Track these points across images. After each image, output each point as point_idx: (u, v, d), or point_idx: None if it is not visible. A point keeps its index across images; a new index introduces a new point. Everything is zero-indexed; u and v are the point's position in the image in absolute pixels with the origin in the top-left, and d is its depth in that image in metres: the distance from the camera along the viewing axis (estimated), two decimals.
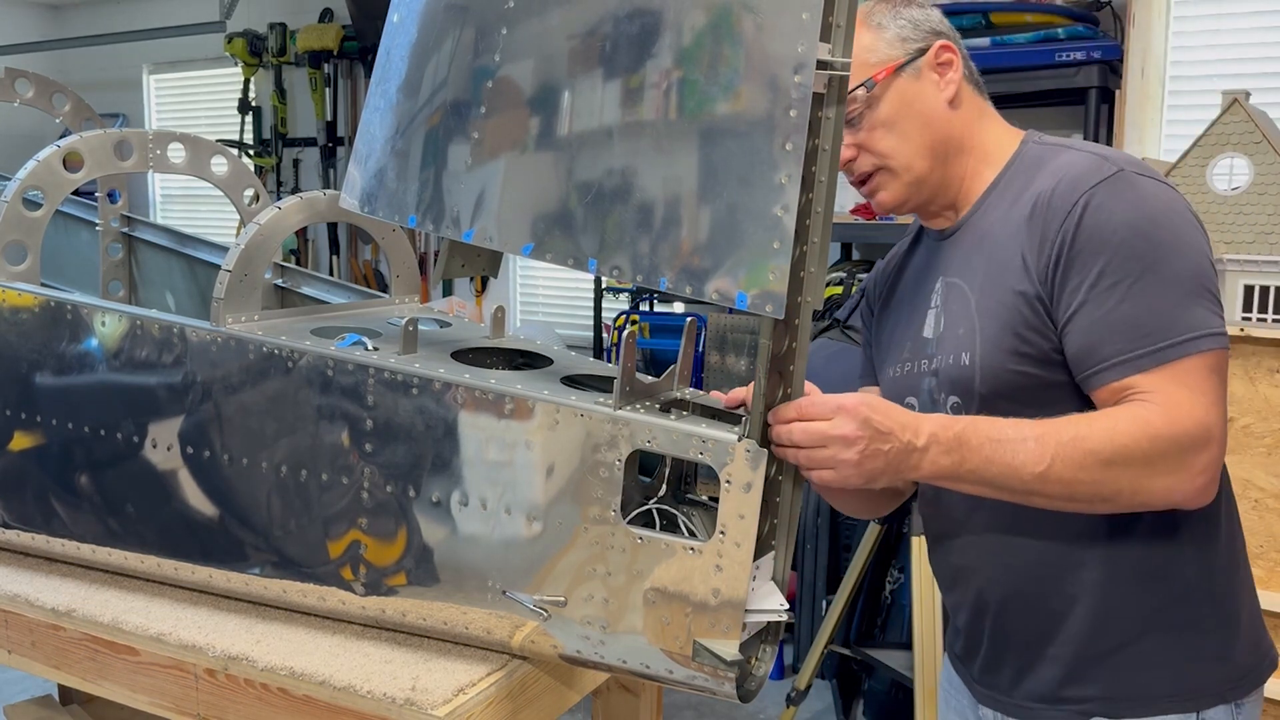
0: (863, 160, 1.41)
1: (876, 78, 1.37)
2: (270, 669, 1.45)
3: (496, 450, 1.36)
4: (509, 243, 1.27)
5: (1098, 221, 1.25)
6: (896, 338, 1.51)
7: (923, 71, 1.39)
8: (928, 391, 1.42)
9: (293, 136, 5.98)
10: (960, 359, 1.35)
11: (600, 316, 4.75)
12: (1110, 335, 1.23)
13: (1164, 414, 1.20)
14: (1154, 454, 1.20)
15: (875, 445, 1.18)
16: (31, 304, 1.70)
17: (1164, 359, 1.22)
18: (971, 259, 1.39)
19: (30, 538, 1.76)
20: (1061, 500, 1.24)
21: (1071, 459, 1.20)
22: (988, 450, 1.22)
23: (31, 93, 2.48)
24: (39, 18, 6.94)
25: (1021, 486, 1.22)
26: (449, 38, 1.32)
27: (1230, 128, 2.60)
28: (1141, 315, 1.22)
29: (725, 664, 1.23)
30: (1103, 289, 1.24)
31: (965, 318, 1.36)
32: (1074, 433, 1.21)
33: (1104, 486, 1.22)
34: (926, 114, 1.39)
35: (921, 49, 1.39)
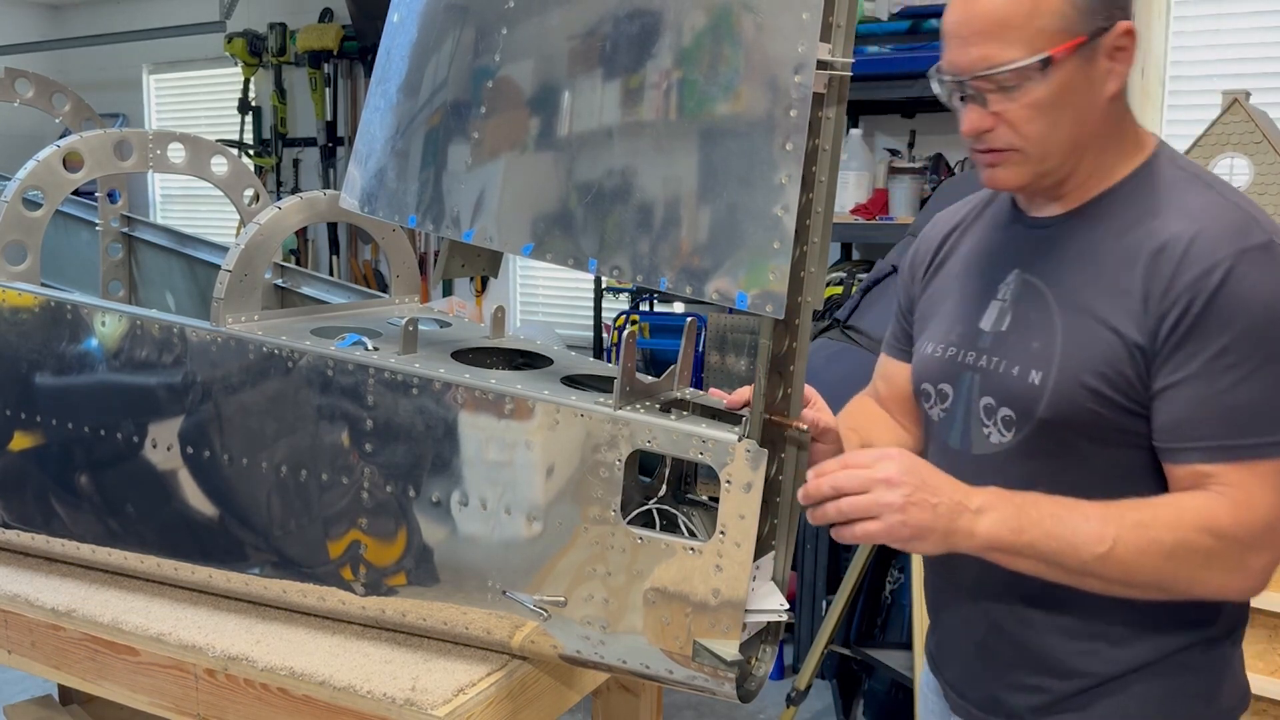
0: (1000, 135, 1.23)
1: (1056, 54, 1.18)
2: (270, 669, 1.45)
3: (496, 450, 1.36)
4: (509, 243, 1.27)
5: (1236, 294, 1.14)
6: (944, 316, 1.40)
7: (1098, 54, 1.21)
8: (967, 388, 1.33)
9: (293, 136, 5.98)
10: (1029, 376, 1.24)
11: (600, 316, 4.75)
12: (1211, 417, 1.15)
13: (1233, 511, 1.14)
14: (1215, 551, 1.15)
15: (922, 495, 1.13)
16: (31, 304, 1.70)
17: (1259, 455, 1.14)
18: (1064, 267, 1.27)
19: (30, 538, 1.76)
20: (1117, 585, 1.18)
21: (1134, 544, 1.14)
22: (1048, 524, 1.15)
23: (31, 93, 2.48)
24: (39, 18, 6.93)
25: (1079, 566, 1.16)
26: (449, 38, 1.32)
27: (1230, 128, 2.60)
28: (1250, 405, 1.14)
29: (725, 664, 1.23)
30: (1220, 367, 1.14)
31: (1044, 332, 1.25)
32: (1138, 518, 1.15)
33: (1162, 576, 1.16)
34: (1086, 105, 1.22)
35: (1104, 27, 1.20)
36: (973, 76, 1.20)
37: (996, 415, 1.28)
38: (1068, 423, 1.22)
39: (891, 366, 1.54)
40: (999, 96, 1.21)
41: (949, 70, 1.23)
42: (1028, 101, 1.20)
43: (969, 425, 1.32)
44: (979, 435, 1.30)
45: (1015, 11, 1.18)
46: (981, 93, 1.21)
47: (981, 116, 1.23)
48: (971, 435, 1.31)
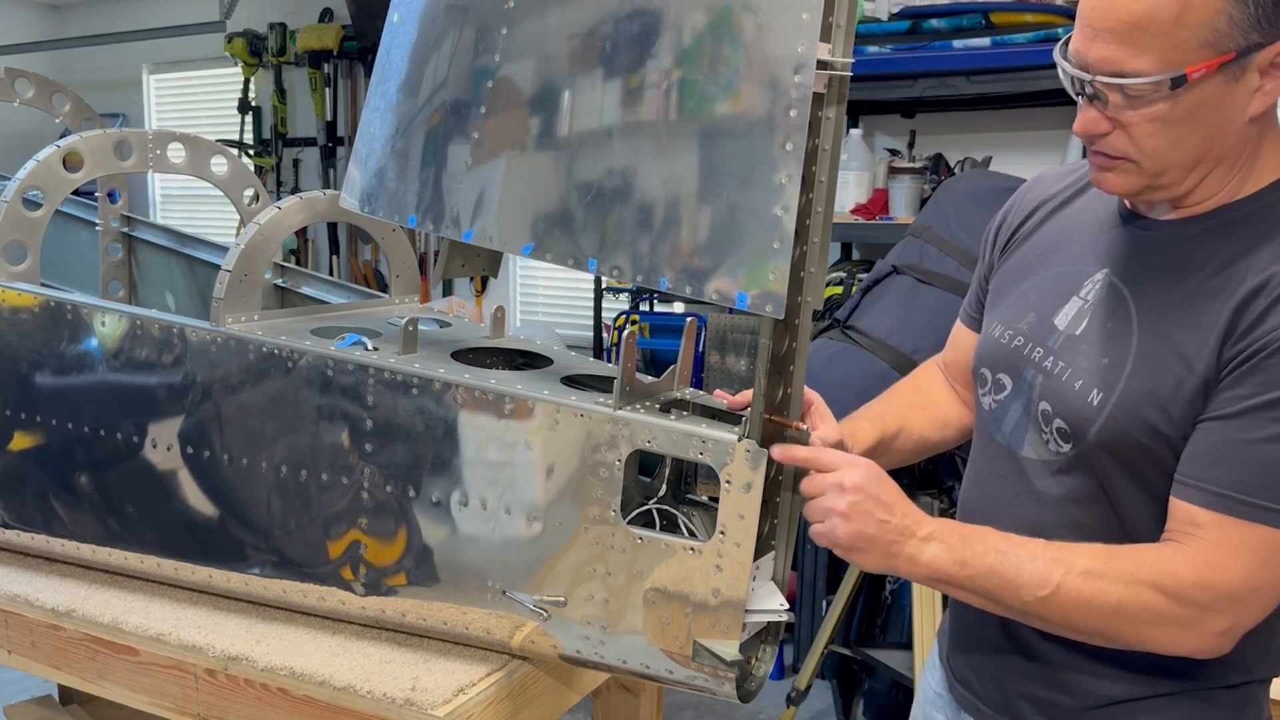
0: (1115, 142, 1.12)
1: (1192, 73, 1.04)
2: (270, 669, 1.45)
3: (496, 450, 1.36)
4: (509, 243, 1.27)
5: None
6: (1019, 298, 1.31)
7: (1247, 71, 1.06)
8: (1028, 385, 1.26)
9: (293, 136, 5.98)
10: (1089, 394, 1.17)
11: (600, 316, 4.75)
12: (1228, 462, 1.08)
13: (1199, 571, 1.08)
14: (1166, 611, 1.10)
15: (869, 508, 1.14)
16: (31, 304, 1.70)
17: (1256, 519, 1.07)
18: (1157, 280, 1.17)
19: (30, 538, 1.76)
20: (1060, 628, 1.16)
21: (1079, 593, 1.11)
22: (992, 559, 1.13)
23: (31, 93, 2.48)
24: (39, 18, 6.93)
25: (1020, 606, 1.14)
26: (449, 38, 1.32)
27: None
28: (1275, 464, 1.06)
29: (725, 664, 1.23)
30: (1262, 418, 1.06)
31: (1117, 349, 1.17)
32: (1089, 566, 1.11)
33: (1106, 627, 1.13)
34: (1220, 125, 1.09)
35: (1260, 43, 1.04)
36: (1095, 78, 1.08)
37: (1053, 424, 1.22)
38: (1115, 452, 1.16)
39: (963, 336, 1.49)
40: (1121, 102, 1.09)
41: (1074, 59, 1.11)
42: (1152, 115, 1.08)
43: (1025, 425, 1.27)
44: (1035, 438, 1.25)
45: (1158, 16, 1.03)
46: (1103, 94, 1.09)
47: (1098, 120, 1.12)
48: (1026, 436, 1.27)
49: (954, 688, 1.42)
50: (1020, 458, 1.28)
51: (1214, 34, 1.03)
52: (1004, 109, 3.76)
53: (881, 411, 1.49)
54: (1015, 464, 1.28)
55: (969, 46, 3.51)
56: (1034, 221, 1.36)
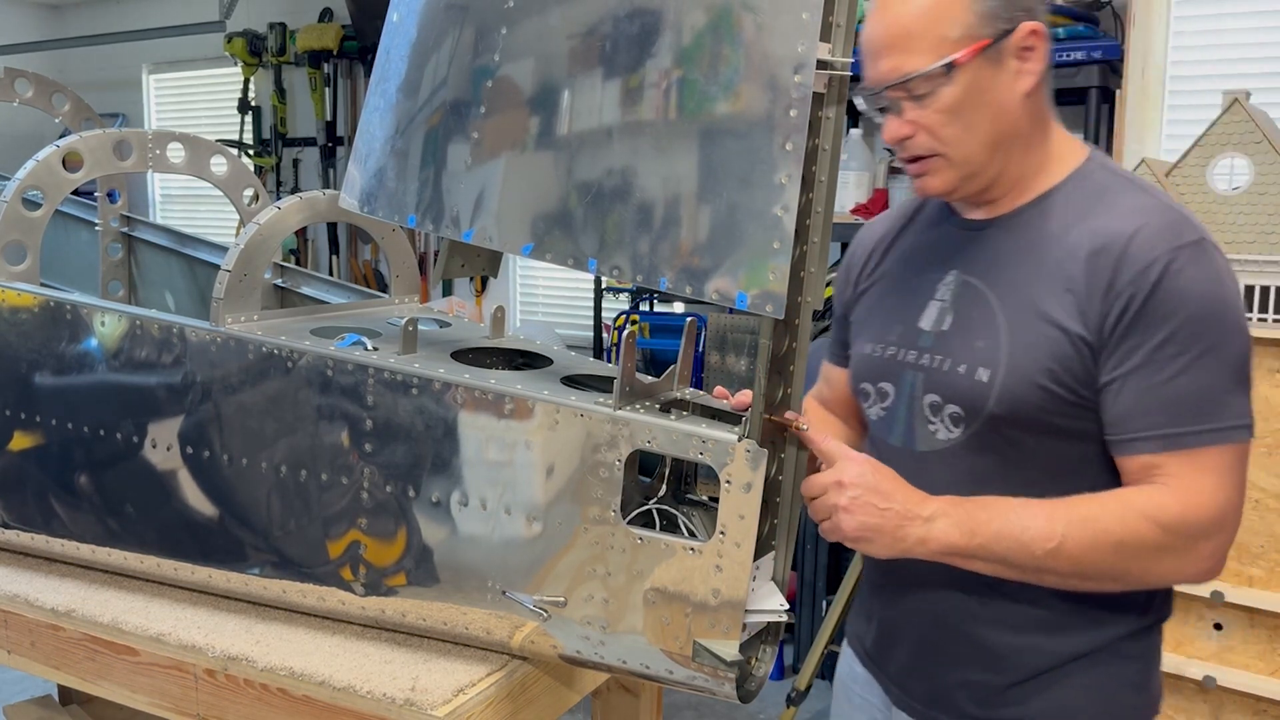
0: (919, 142, 1.28)
1: (959, 60, 1.23)
2: (270, 669, 1.45)
3: (496, 450, 1.36)
4: (509, 243, 1.27)
5: (1176, 287, 1.19)
6: (882, 317, 1.43)
7: (1004, 55, 1.25)
8: (909, 385, 1.36)
9: (292, 136, 5.97)
10: (976, 374, 1.28)
11: (600, 316, 4.75)
12: (1157, 406, 1.20)
13: (1181, 501, 1.19)
14: (1164, 541, 1.20)
15: (869, 499, 1.19)
16: (31, 304, 1.70)
17: (1202, 443, 1.20)
18: (1003, 267, 1.31)
19: (30, 538, 1.76)
20: (1071, 578, 1.23)
21: (1083, 538, 1.19)
22: (998, 525, 1.20)
23: (31, 93, 2.48)
24: (39, 18, 6.93)
25: (1032, 563, 1.21)
26: (449, 37, 1.32)
27: (1230, 128, 2.60)
28: (1193, 394, 1.19)
29: (725, 664, 1.23)
30: (1162, 358, 1.19)
31: (987, 331, 1.29)
32: (1085, 512, 1.20)
33: (1114, 568, 1.21)
34: (999, 104, 1.27)
35: (1007, 30, 1.25)
36: (885, 87, 1.26)
37: (943, 412, 1.31)
38: (1016, 418, 1.26)
39: (834, 373, 1.59)
40: (912, 105, 1.26)
41: (866, 84, 1.29)
42: (939, 106, 1.25)
43: (912, 423, 1.35)
44: (924, 432, 1.33)
45: (918, 21, 1.24)
46: (897, 102, 1.27)
47: (900, 125, 1.28)
48: (916, 433, 1.35)
49: (889, 689, 1.46)
50: (917, 454, 1.34)
51: (966, 27, 1.24)
52: None
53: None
54: (914, 460, 1.34)
55: None
56: (876, 257, 1.50)
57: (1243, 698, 2.51)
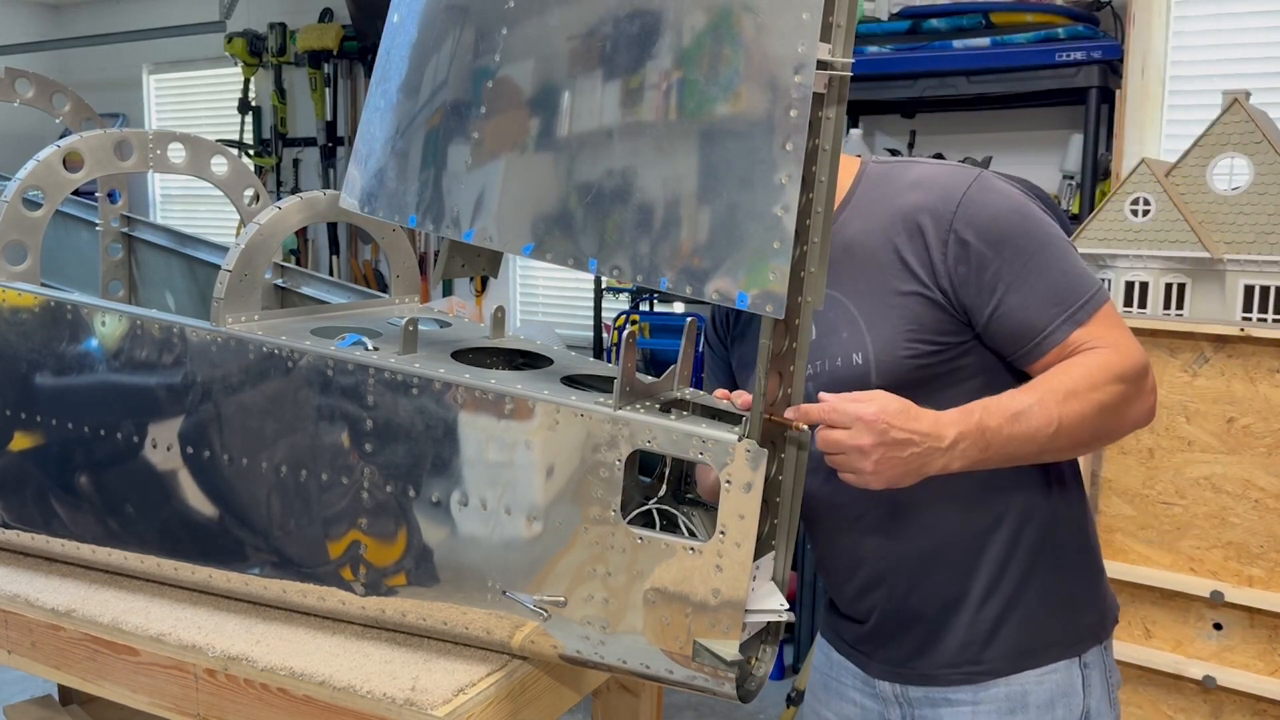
0: None
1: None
2: (270, 669, 1.45)
3: (496, 450, 1.36)
4: (509, 243, 1.27)
5: (988, 216, 1.35)
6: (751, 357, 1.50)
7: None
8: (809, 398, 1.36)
9: (293, 136, 5.98)
10: (851, 359, 1.40)
11: (600, 316, 4.75)
12: (1041, 308, 1.34)
13: (1115, 352, 1.34)
14: (1127, 391, 1.34)
15: (891, 453, 1.22)
16: (31, 304, 1.70)
17: (1091, 311, 1.35)
18: (837, 271, 1.40)
19: (30, 538, 1.76)
20: (1067, 450, 1.35)
21: (1074, 412, 1.30)
22: (1008, 429, 1.28)
23: (31, 93, 2.48)
24: (39, 18, 6.93)
25: (1036, 451, 1.31)
26: (449, 38, 1.32)
27: (1230, 128, 2.60)
28: (1057, 283, 1.34)
29: (725, 664, 1.23)
30: (1017, 272, 1.34)
31: (846, 323, 1.40)
32: (1066, 388, 1.31)
33: (1101, 429, 1.34)
34: None
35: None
36: None
37: None
38: (899, 384, 1.34)
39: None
40: None
41: None
42: None
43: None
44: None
45: None
46: None
47: None
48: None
49: (867, 665, 1.54)
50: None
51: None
52: (1004, 109, 3.76)
53: None
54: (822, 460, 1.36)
55: (969, 46, 3.51)
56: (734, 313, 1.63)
57: (1243, 698, 2.51)
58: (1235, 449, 2.52)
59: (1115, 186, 2.96)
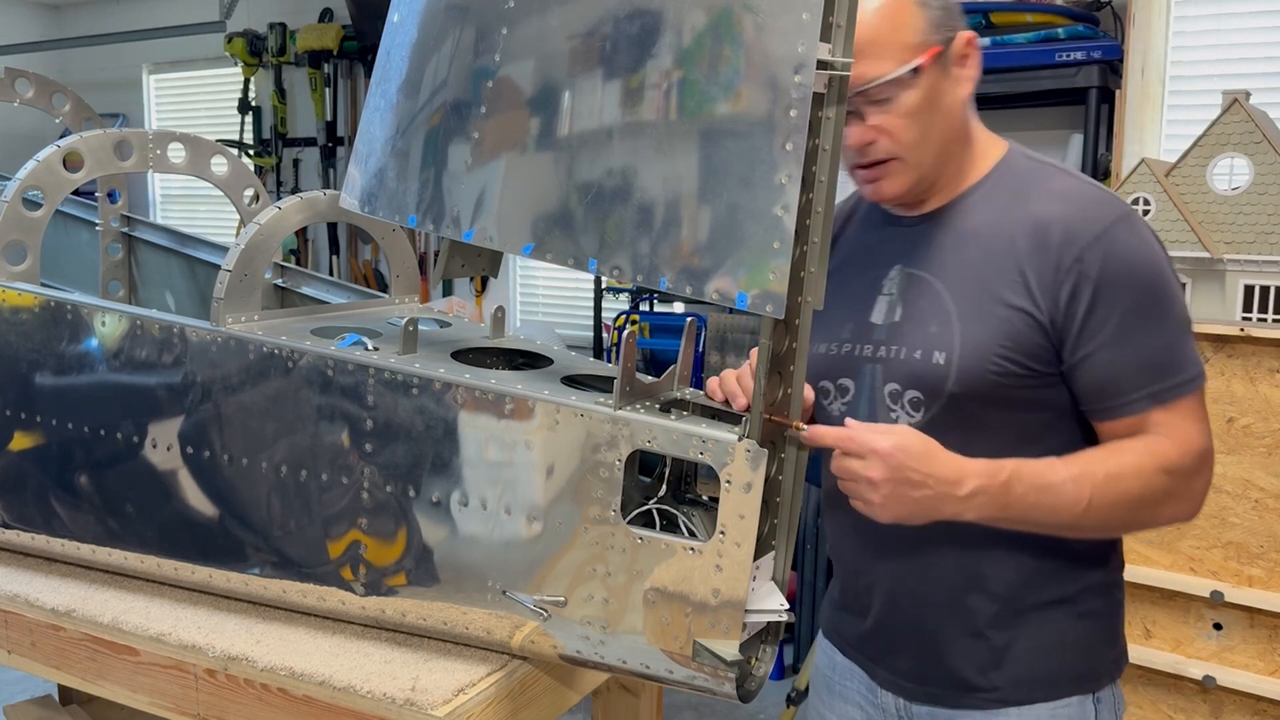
0: (881, 146, 1.34)
1: (923, 63, 1.31)
2: (270, 669, 1.45)
3: (496, 450, 1.36)
4: (509, 243, 1.27)
5: (1122, 260, 1.28)
6: (830, 317, 1.45)
7: (949, 62, 1.34)
8: (869, 377, 1.40)
9: (293, 136, 5.98)
10: (932, 357, 1.34)
11: (600, 316, 4.75)
12: (1133, 373, 1.29)
13: (1177, 447, 1.28)
14: (1170, 487, 1.29)
15: (901, 491, 1.20)
16: (31, 304, 1.70)
17: (1180, 394, 1.29)
18: (945, 256, 1.37)
19: (30, 538, 1.76)
20: (1092, 532, 1.32)
21: (1108, 498, 1.26)
22: (1033, 497, 1.25)
23: (31, 93, 2.48)
24: (39, 18, 6.93)
25: (1057, 526, 1.28)
26: (449, 38, 1.32)
27: (1230, 128, 2.60)
28: (1159, 354, 1.29)
29: (725, 664, 1.23)
30: (1127, 327, 1.28)
31: (938, 316, 1.35)
32: (1108, 470, 1.27)
33: (1131, 519, 1.30)
34: (949, 107, 1.35)
35: (950, 38, 1.34)
36: (853, 93, 1.28)
37: (903, 399, 1.36)
38: (975, 395, 1.32)
39: None
40: (875, 110, 1.32)
41: None
42: (901, 111, 1.32)
43: (875, 414, 1.39)
44: (885, 420, 1.37)
45: (880, 31, 1.29)
46: (860, 108, 1.31)
47: (864, 131, 1.33)
48: (878, 421, 1.37)
49: (873, 672, 1.50)
50: None
51: (921, 34, 1.31)
52: (1004, 109, 3.76)
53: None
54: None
55: None
56: None
57: (1243, 698, 2.51)
58: (1235, 449, 2.52)
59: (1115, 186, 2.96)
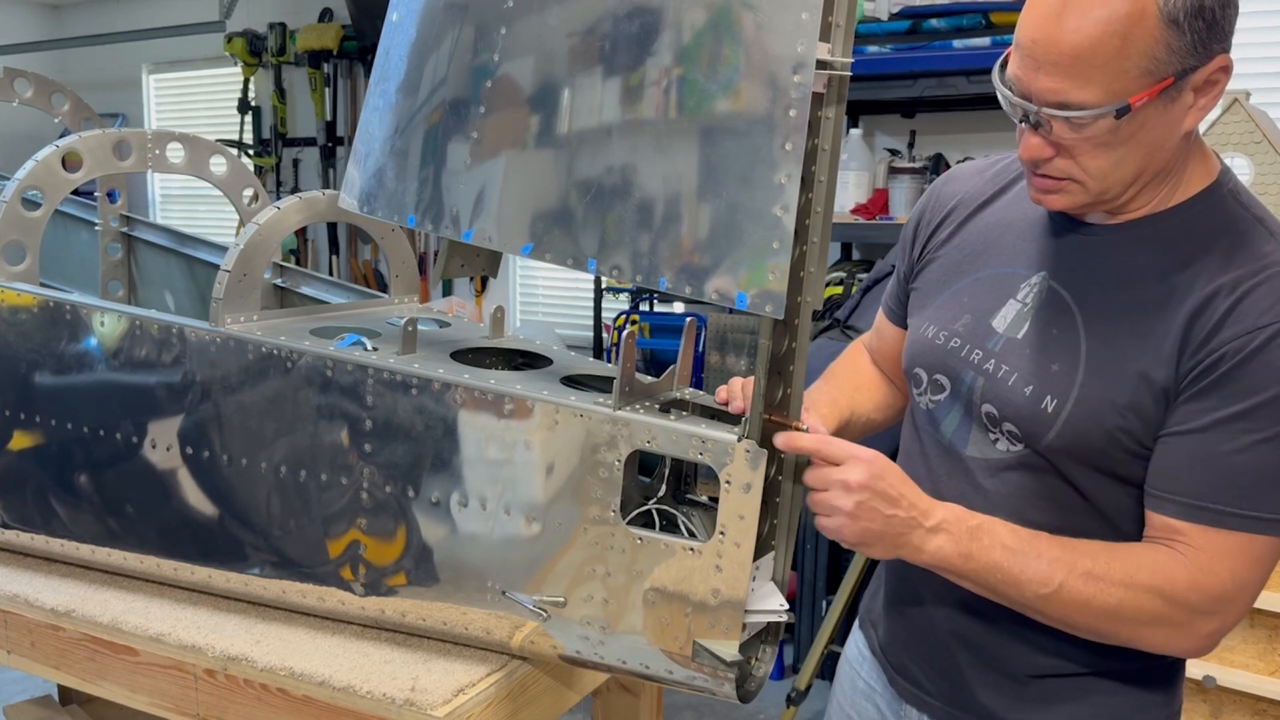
0: (1059, 165, 1.14)
1: (1135, 102, 1.06)
2: (270, 669, 1.45)
3: (496, 450, 1.36)
4: (508, 243, 1.27)
5: (1274, 362, 1.07)
6: (951, 298, 1.32)
7: (1183, 91, 1.09)
8: (968, 387, 1.27)
9: (292, 136, 5.98)
10: (1043, 401, 1.18)
11: (600, 316, 4.75)
12: (1201, 475, 1.11)
13: (1191, 575, 1.12)
14: (1162, 614, 1.13)
15: (875, 504, 1.13)
16: (31, 304, 1.70)
17: (1235, 526, 1.11)
18: (1099, 286, 1.19)
19: (30, 538, 1.76)
20: (1056, 624, 1.18)
21: (1080, 594, 1.13)
22: (998, 555, 1.15)
23: (31, 92, 2.48)
24: (39, 18, 6.93)
25: (1020, 600, 1.17)
26: (448, 37, 1.32)
27: (1230, 128, 2.60)
28: (1246, 475, 1.10)
29: (725, 664, 1.23)
30: (1230, 430, 1.09)
31: (1066, 355, 1.19)
32: (1090, 568, 1.13)
33: (1102, 627, 1.16)
34: (1157, 143, 1.12)
35: (1195, 65, 1.07)
36: (1040, 110, 1.10)
37: (1001, 426, 1.23)
38: (1076, 455, 1.18)
39: (886, 327, 1.51)
40: (1065, 130, 1.11)
41: (1016, 86, 1.13)
42: (1094, 139, 1.10)
43: (968, 426, 1.28)
44: (980, 438, 1.27)
45: (1101, 50, 1.05)
46: (1047, 121, 1.11)
47: (1042, 146, 1.14)
48: (970, 435, 1.28)
49: (894, 680, 1.42)
50: (964, 457, 1.29)
51: (1154, 62, 1.05)
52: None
53: (834, 396, 1.48)
54: (959, 463, 1.29)
55: (969, 46, 3.51)
56: (955, 219, 1.37)
57: (1242, 698, 2.51)
58: None
59: None
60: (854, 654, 1.54)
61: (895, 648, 1.42)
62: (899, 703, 1.42)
